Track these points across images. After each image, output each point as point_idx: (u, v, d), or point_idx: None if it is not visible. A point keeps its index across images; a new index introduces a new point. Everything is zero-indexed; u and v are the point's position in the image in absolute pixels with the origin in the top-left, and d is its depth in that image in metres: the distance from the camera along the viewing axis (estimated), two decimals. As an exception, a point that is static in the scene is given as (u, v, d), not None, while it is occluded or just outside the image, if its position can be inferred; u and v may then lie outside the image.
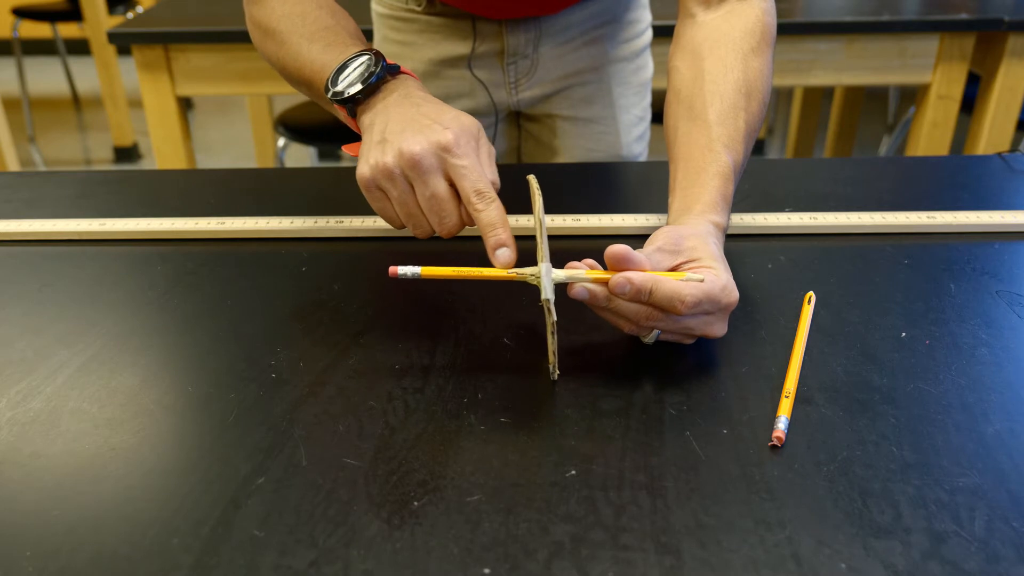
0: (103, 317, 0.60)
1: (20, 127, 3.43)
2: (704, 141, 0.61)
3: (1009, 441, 0.46)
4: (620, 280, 0.49)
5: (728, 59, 0.64)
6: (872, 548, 0.39)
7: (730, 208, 0.60)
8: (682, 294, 0.49)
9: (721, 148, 0.60)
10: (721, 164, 0.60)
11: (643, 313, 0.50)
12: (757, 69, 0.65)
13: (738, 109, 0.62)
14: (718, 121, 0.62)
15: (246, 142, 3.48)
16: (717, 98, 0.63)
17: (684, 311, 0.49)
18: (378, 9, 0.93)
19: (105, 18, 2.99)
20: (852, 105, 2.60)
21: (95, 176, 0.86)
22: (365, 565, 0.39)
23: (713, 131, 0.61)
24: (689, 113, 0.64)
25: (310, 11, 0.68)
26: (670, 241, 0.53)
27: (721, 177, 0.59)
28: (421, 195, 0.56)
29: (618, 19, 0.92)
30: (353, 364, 0.54)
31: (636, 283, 0.49)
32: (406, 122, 0.57)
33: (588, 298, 0.51)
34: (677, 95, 0.66)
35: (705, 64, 0.65)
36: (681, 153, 0.63)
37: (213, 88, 1.64)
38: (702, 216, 0.57)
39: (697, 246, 0.53)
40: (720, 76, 0.64)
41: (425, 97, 0.60)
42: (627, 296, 0.49)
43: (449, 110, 0.58)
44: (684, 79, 0.66)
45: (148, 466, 0.45)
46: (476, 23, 0.87)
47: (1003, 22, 1.61)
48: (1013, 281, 0.63)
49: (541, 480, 0.44)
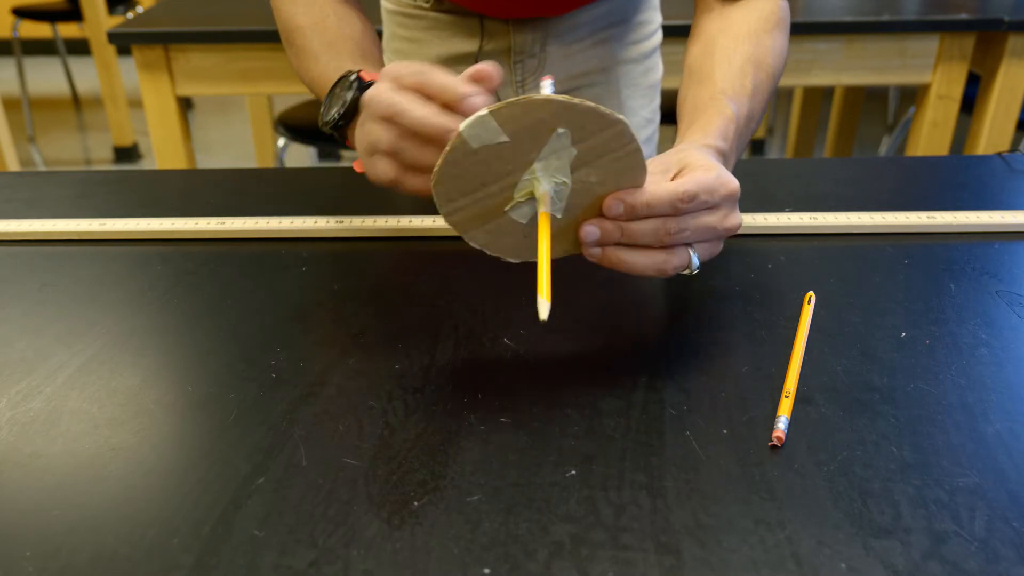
0: (103, 317, 0.60)
1: (20, 127, 3.43)
2: (708, 94, 0.62)
3: (1009, 441, 0.46)
4: (611, 201, 0.49)
5: (740, 35, 0.66)
6: (872, 548, 0.39)
7: (735, 144, 0.59)
8: (677, 191, 0.49)
9: (723, 97, 0.61)
10: (722, 107, 0.60)
11: (660, 228, 0.49)
12: (768, 46, 0.66)
13: (745, 73, 0.63)
14: (723, 79, 0.63)
15: (246, 142, 3.48)
16: (725, 63, 0.64)
17: (685, 206, 0.49)
18: (387, 6, 0.93)
19: (105, 18, 2.99)
20: (852, 105, 2.60)
21: (95, 176, 0.86)
22: (365, 565, 0.39)
23: (718, 86, 0.62)
24: (698, 78, 0.65)
25: (318, 23, 0.71)
26: (659, 163, 0.53)
27: (721, 116, 0.59)
28: (410, 122, 0.52)
29: (627, 20, 0.92)
30: (353, 364, 0.54)
31: (628, 200, 0.49)
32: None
33: (599, 235, 0.49)
34: (689, 70, 0.68)
35: (717, 41, 0.67)
36: (685, 110, 0.64)
37: (213, 88, 1.64)
38: (698, 142, 0.57)
39: (686, 156, 0.53)
40: (731, 48, 0.65)
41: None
42: (622, 215, 0.49)
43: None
44: (695, 56, 0.68)
45: (148, 466, 0.45)
46: (484, 21, 0.87)
47: (1003, 22, 1.61)
48: (1013, 281, 0.63)
49: (541, 480, 0.44)
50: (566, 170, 0.49)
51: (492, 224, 0.51)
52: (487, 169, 0.48)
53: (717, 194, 0.50)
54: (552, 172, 0.49)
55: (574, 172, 0.49)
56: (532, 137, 0.47)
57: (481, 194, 0.49)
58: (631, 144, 0.48)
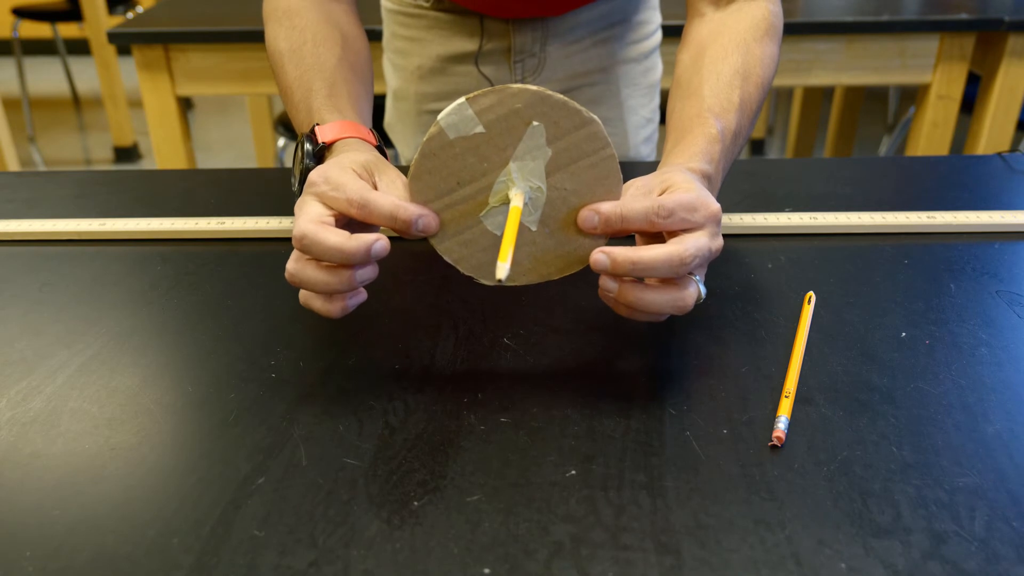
0: (103, 317, 0.60)
1: (20, 127, 3.43)
2: (694, 111, 0.62)
3: (1009, 441, 0.46)
4: (587, 213, 0.49)
5: (729, 46, 0.66)
6: (872, 548, 0.39)
7: (720, 165, 0.59)
8: (652, 205, 0.48)
9: (710, 116, 0.60)
10: (708, 127, 0.59)
11: (674, 256, 0.47)
12: (758, 56, 0.65)
13: (733, 87, 0.63)
14: (711, 94, 0.62)
15: (246, 142, 3.48)
16: (713, 76, 0.64)
17: (661, 222, 0.48)
18: (387, 5, 0.93)
19: (105, 18, 2.99)
20: (852, 105, 2.60)
21: (95, 176, 0.86)
22: (365, 565, 0.39)
23: (705, 103, 0.62)
24: (686, 92, 0.64)
25: (296, 49, 0.68)
26: (642, 186, 0.52)
27: (706, 138, 0.59)
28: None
29: (627, 20, 0.92)
30: (353, 364, 0.54)
31: (603, 211, 0.48)
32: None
33: (609, 265, 0.47)
34: (678, 82, 0.68)
35: (706, 51, 0.66)
36: (672, 125, 0.63)
37: (213, 88, 1.64)
38: (683, 165, 0.57)
39: (669, 178, 0.52)
40: (719, 59, 0.65)
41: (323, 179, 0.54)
42: (598, 228, 0.48)
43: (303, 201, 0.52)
44: (685, 66, 0.68)
45: (148, 466, 0.45)
46: (484, 21, 0.87)
47: (1003, 22, 1.61)
48: (1013, 281, 0.63)
49: (541, 480, 0.44)
50: (541, 173, 0.49)
51: (467, 234, 0.51)
52: (463, 165, 0.48)
53: (698, 214, 0.49)
54: (527, 175, 0.49)
55: (549, 177, 0.49)
56: (507, 130, 0.48)
57: (456, 196, 0.49)
58: (605, 149, 0.49)
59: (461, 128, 0.47)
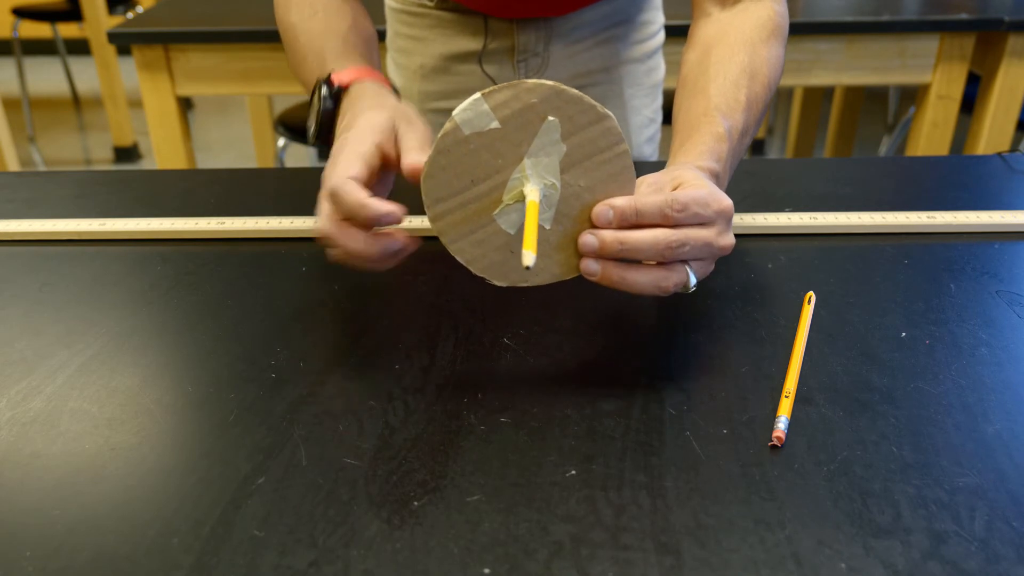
0: (103, 317, 0.60)
1: (20, 127, 3.43)
2: (701, 110, 0.62)
3: (1009, 441, 0.46)
4: (601, 208, 0.48)
5: (735, 46, 0.66)
6: (872, 548, 0.39)
7: (727, 164, 0.59)
8: (667, 199, 0.48)
9: (717, 114, 0.61)
10: (715, 125, 0.60)
11: (660, 241, 0.48)
12: (764, 56, 0.66)
13: (739, 86, 0.63)
14: (717, 93, 0.62)
15: (246, 142, 3.48)
16: (720, 76, 0.64)
17: (676, 215, 0.48)
18: (391, 3, 0.93)
19: (105, 18, 2.99)
20: (852, 105, 2.60)
21: (95, 176, 0.86)
22: (365, 565, 0.39)
23: (712, 101, 0.62)
24: (692, 91, 0.65)
25: (307, 19, 0.71)
26: (653, 182, 0.52)
27: (713, 136, 0.59)
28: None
29: (631, 20, 0.92)
30: (353, 364, 0.54)
31: (618, 205, 0.48)
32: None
33: (598, 245, 0.49)
34: (684, 81, 0.68)
35: (712, 51, 0.67)
36: (679, 124, 0.63)
37: (213, 88, 1.64)
38: (691, 163, 0.57)
39: (680, 175, 0.53)
40: (726, 58, 0.65)
41: (348, 125, 0.58)
42: (613, 223, 0.48)
43: (342, 142, 0.56)
44: (691, 65, 0.68)
45: (148, 466, 0.45)
46: (487, 20, 0.87)
47: (1003, 22, 1.61)
48: (1013, 281, 0.63)
49: (541, 480, 0.44)
50: (555, 170, 0.49)
51: (479, 234, 0.50)
52: (477, 162, 0.48)
53: (710, 208, 0.49)
54: (541, 171, 0.49)
55: (563, 173, 0.49)
56: (522, 126, 0.47)
57: (470, 194, 0.49)
58: (619, 145, 0.48)
59: (476, 124, 0.47)
